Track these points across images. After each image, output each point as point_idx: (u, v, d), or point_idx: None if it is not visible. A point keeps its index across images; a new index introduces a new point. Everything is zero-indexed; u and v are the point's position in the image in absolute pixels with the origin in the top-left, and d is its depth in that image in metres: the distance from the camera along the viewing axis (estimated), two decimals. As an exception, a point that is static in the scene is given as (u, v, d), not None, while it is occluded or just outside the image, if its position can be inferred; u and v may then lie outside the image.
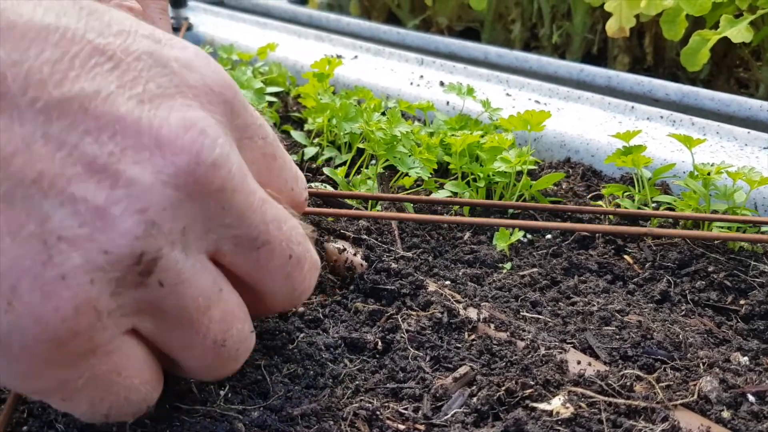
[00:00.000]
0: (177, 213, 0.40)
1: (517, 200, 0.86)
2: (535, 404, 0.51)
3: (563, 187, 0.93)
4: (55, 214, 0.37)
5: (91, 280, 0.37)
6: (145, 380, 0.43)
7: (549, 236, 0.81)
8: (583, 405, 0.50)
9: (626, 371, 0.55)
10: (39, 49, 0.37)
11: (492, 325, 0.61)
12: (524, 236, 0.81)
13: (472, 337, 0.60)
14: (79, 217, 0.37)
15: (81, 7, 0.41)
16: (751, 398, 0.53)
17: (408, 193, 0.87)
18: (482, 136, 0.89)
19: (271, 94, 1.14)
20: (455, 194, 0.85)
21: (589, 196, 0.91)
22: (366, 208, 0.83)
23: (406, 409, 0.52)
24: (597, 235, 0.81)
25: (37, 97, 0.37)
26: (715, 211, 0.79)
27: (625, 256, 0.78)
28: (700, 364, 0.57)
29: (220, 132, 0.42)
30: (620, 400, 0.51)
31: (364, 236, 0.74)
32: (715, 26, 1.17)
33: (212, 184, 0.41)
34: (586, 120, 1.08)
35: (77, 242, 0.37)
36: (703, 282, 0.72)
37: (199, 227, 0.41)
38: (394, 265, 0.68)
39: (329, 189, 0.85)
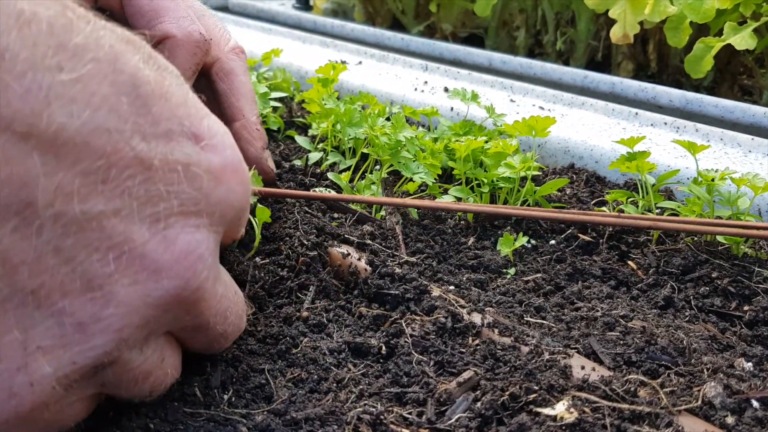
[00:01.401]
0: (148, 326, 0.42)
1: (521, 206, 0.86)
2: (539, 409, 0.51)
3: (567, 192, 0.93)
4: (41, 325, 0.38)
5: (54, 387, 0.40)
6: (79, 418, 0.45)
7: (553, 242, 0.81)
8: (587, 410, 0.50)
9: (630, 376, 0.55)
10: (77, 158, 0.37)
11: (496, 330, 0.61)
12: (528, 242, 0.81)
13: (476, 342, 0.60)
14: (61, 329, 0.39)
15: (137, 95, 0.40)
16: (755, 404, 0.53)
17: (412, 199, 0.87)
18: (486, 142, 0.89)
19: (275, 99, 1.14)
20: (459, 199, 0.85)
21: (593, 201, 0.91)
22: (370, 213, 0.83)
23: (410, 413, 0.52)
24: (601, 240, 0.81)
25: (61, 212, 0.37)
26: (719, 217, 0.79)
27: (629, 262, 0.77)
28: (704, 370, 0.57)
29: (215, 247, 0.45)
30: (624, 405, 0.51)
31: (368, 241, 0.74)
32: (719, 33, 1.17)
33: (189, 304, 0.44)
34: (590, 126, 1.08)
35: (53, 351, 0.39)
36: (707, 288, 0.72)
37: (163, 328, 0.45)
38: (398, 270, 0.68)
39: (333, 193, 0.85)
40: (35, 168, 0.36)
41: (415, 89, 1.25)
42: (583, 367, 0.56)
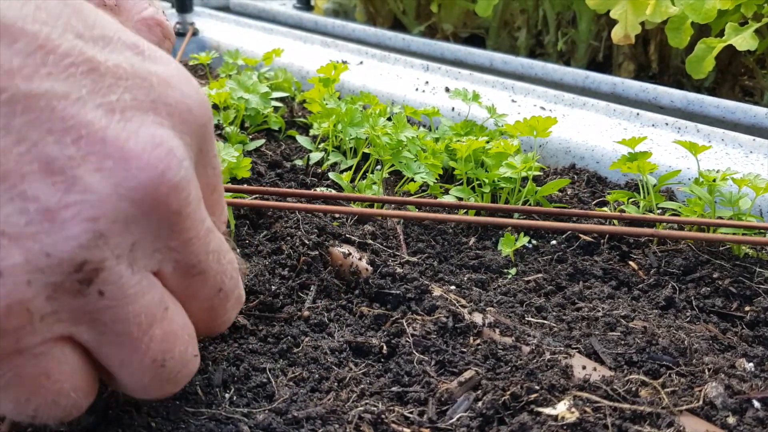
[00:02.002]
0: (128, 228, 0.39)
1: (522, 206, 0.86)
2: (540, 409, 0.51)
3: (568, 193, 0.93)
4: (3, 209, 0.36)
5: (29, 281, 0.36)
6: (76, 387, 0.42)
7: (554, 242, 0.81)
8: (588, 410, 0.50)
9: (631, 376, 0.55)
10: (12, 39, 0.36)
11: (497, 330, 0.61)
12: (529, 242, 0.81)
13: (477, 341, 0.60)
14: (26, 216, 0.36)
15: (66, 4, 0.39)
16: (756, 404, 0.53)
17: (414, 198, 0.87)
18: (488, 142, 0.89)
19: (276, 99, 1.14)
20: (460, 199, 0.85)
21: (594, 202, 0.91)
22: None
23: (411, 412, 0.52)
24: (602, 241, 0.81)
25: (3, 88, 0.36)
26: (720, 218, 0.79)
27: (630, 263, 0.78)
28: (706, 370, 0.57)
29: (187, 155, 0.42)
30: (625, 405, 0.51)
31: (369, 241, 0.74)
32: (721, 34, 1.17)
33: (170, 206, 0.40)
34: (592, 126, 1.08)
35: (20, 240, 0.36)
36: (708, 288, 0.72)
37: (147, 245, 0.41)
38: (399, 270, 0.68)
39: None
40: None
41: (416, 89, 1.25)
42: (584, 367, 0.56)
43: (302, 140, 1.02)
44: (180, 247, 0.42)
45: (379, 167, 0.91)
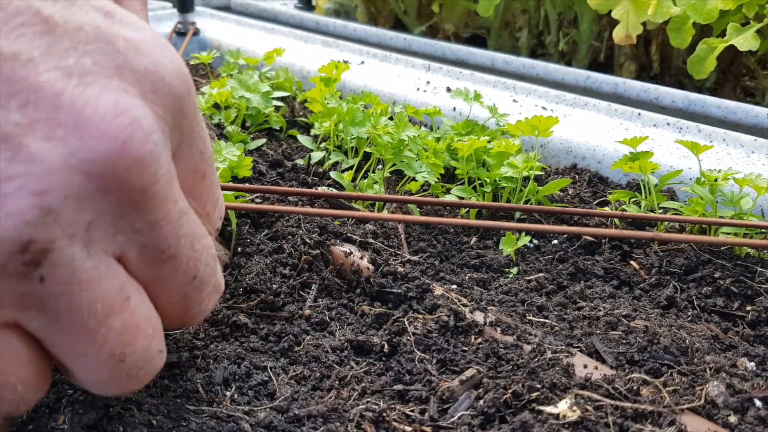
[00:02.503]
0: (83, 204, 0.35)
1: (523, 205, 0.86)
2: (541, 407, 0.51)
3: (570, 192, 0.93)
4: None
5: None
6: (24, 380, 0.38)
7: (555, 241, 0.81)
8: (589, 408, 0.50)
9: (633, 375, 0.55)
10: None
11: (498, 329, 0.61)
12: (531, 241, 0.81)
13: (479, 340, 0.60)
14: None
15: None
16: (758, 403, 0.53)
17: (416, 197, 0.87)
18: (489, 142, 0.89)
19: (277, 98, 1.14)
20: (462, 199, 0.85)
21: (596, 202, 0.91)
22: (373, 212, 0.83)
23: (412, 411, 0.52)
24: (603, 240, 0.81)
25: None
26: (721, 218, 0.79)
27: (632, 262, 0.77)
28: (707, 369, 0.57)
29: (157, 127, 0.37)
30: (627, 404, 0.51)
31: (371, 240, 0.74)
32: (722, 34, 1.17)
33: (132, 182, 0.36)
34: (593, 126, 1.08)
35: None
36: (710, 288, 0.72)
37: (107, 226, 0.37)
38: (400, 269, 0.68)
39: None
40: None
41: (418, 89, 1.25)
42: (585, 366, 0.56)
43: (303, 140, 1.02)
44: (146, 230, 0.38)
45: (380, 166, 0.91)
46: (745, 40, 1.11)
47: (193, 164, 0.43)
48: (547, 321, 0.65)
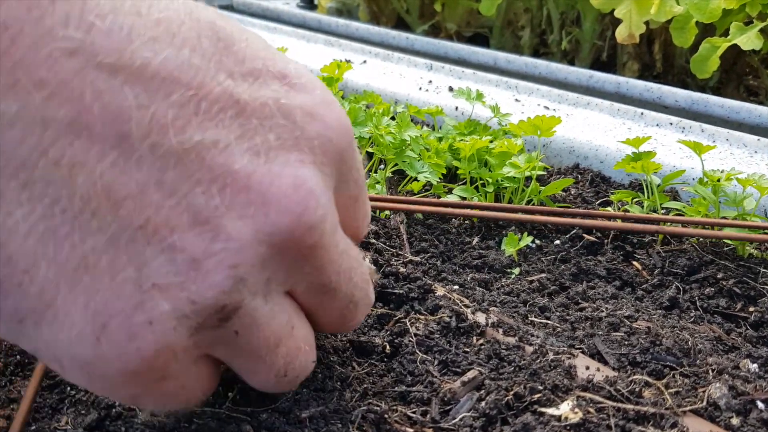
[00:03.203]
0: (265, 267, 0.40)
1: (525, 205, 0.86)
2: (543, 409, 0.51)
3: (572, 193, 0.93)
4: (154, 261, 0.37)
5: (175, 327, 0.38)
6: (206, 389, 0.45)
7: (557, 242, 0.81)
8: (591, 410, 0.50)
9: (635, 377, 0.55)
10: (168, 92, 0.37)
11: (500, 330, 0.61)
12: (533, 242, 0.81)
13: (481, 341, 0.60)
14: (174, 266, 0.38)
15: (218, 38, 0.40)
16: (760, 405, 0.53)
17: (417, 198, 0.87)
18: (491, 141, 0.89)
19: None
20: (464, 199, 0.85)
21: (598, 202, 0.91)
22: (374, 213, 0.83)
23: (414, 412, 0.52)
24: (605, 241, 0.81)
25: (158, 143, 0.37)
26: (724, 218, 0.79)
27: (634, 263, 0.77)
28: (709, 371, 0.57)
29: (325, 188, 0.42)
30: (629, 406, 0.51)
31: (373, 240, 0.74)
32: (725, 33, 1.17)
33: (306, 243, 0.41)
34: (596, 126, 1.08)
35: (169, 290, 0.38)
36: (712, 289, 0.72)
37: (282, 276, 0.42)
38: (402, 269, 0.68)
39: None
40: (127, 101, 0.36)
41: (420, 88, 1.25)
42: (587, 368, 0.56)
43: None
44: (313, 272, 0.44)
45: (382, 166, 0.91)
46: (749, 40, 1.11)
47: (348, 193, 0.48)
48: (549, 322, 0.65)
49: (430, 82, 1.28)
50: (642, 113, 1.09)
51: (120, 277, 0.37)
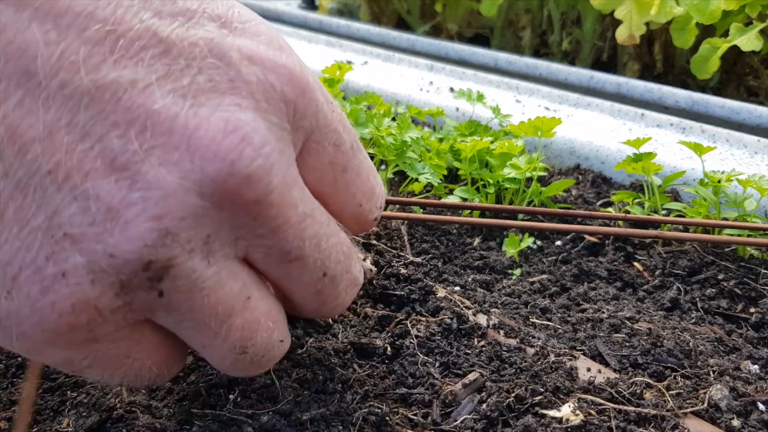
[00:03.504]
0: (200, 221, 0.37)
1: (526, 206, 0.86)
2: (544, 411, 0.51)
3: (573, 193, 0.93)
4: (66, 209, 0.35)
5: (92, 281, 0.36)
6: (159, 361, 0.42)
7: (559, 243, 0.81)
8: (592, 412, 0.50)
9: (636, 378, 0.55)
10: (81, 27, 0.35)
11: (501, 332, 0.61)
12: (534, 243, 0.81)
13: (482, 343, 0.60)
14: (89, 216, 0.35)
15: None
16: (761, 406, 0.53)
17: (418, 198, 0.87)
18: (492, 142, 0.89)
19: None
20: (465, 200, 0.85)
21: (599, 202, 0.91)
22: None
23: (415, 414, 0.52)
24: (607, 242, 0.81)
25: (67, 81, 0.34)
26: (725, 219, 0.79)
27: (635, 264, 0.77)
28: (710, 372, 0.57)
29: (271, 138, 0.38)
30: (630, 408, 0.51)
31: (374, 241, 0.74)
32: (725, 34, 1.17)
33: (245, 196, 0.38)
34: (596, 127, 1.08)
35: (83, 241, 0.35)
36: (713, 290, 0.72)
37: (226, 235, 0.39)
38: (403, 271, 0.68)
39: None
40: (34, 37, 0.34)
41: (421, 89, 1.25)
42: (588, 369, 0.56)
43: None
44: (268, 234, 0.40)
45: (383, 167, 0.91)
46: (748, 40, 1.11)
47: (327, 158, 0.44)
48: (550, 323, 0.65)
49: (431, 82, 1.28)
50: (642, 114, 1.09)
51: (29, 227, 0.35)
